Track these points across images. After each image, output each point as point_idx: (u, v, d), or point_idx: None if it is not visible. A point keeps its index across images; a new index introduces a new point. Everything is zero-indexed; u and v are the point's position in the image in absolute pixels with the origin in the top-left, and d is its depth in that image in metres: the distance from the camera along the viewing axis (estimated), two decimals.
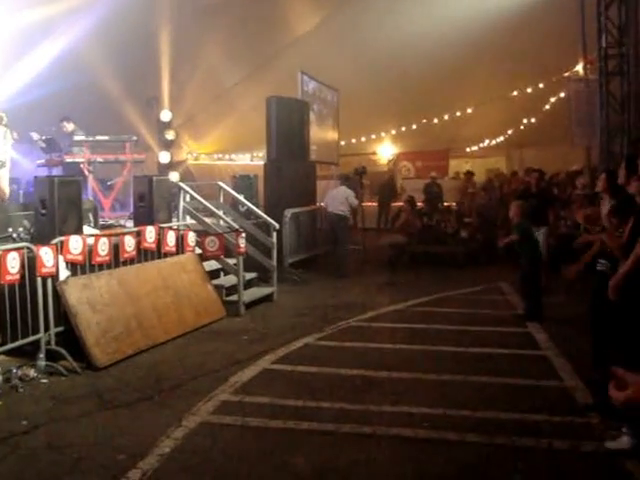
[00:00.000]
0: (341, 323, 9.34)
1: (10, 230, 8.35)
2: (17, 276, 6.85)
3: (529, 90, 23.09)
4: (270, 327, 9.22)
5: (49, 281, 7.17)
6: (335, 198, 14.07)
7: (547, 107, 23.69)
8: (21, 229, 8.38)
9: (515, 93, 23.29)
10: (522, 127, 25.43)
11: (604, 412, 5.34)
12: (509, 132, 26.25)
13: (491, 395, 6.28)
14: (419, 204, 17.60)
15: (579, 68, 18.60)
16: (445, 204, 19.57)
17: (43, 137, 12.38)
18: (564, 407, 5.88)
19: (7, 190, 10.97)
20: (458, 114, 24.84)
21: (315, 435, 5.41)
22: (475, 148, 28.06)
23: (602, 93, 13.81)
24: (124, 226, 10.54)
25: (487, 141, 27.51)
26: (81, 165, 12.52)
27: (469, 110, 24.55)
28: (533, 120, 24.75)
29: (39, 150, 12.96)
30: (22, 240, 7.89)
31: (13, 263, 6.77)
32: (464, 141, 27.39)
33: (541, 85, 22.78)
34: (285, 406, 6.05)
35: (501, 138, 26.94)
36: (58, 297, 7.26)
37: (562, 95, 21.11)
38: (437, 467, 4.81)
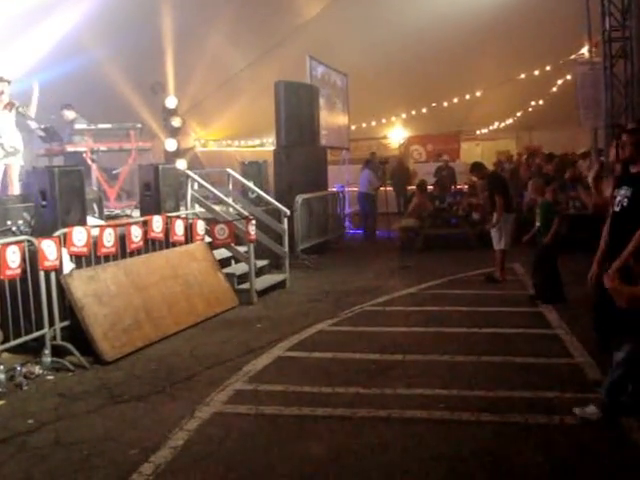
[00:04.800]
0: (355, 308, 9.28)
1: (9, 223, 8.17)
2: (18, 270, 6.71)
3: (536, 73, 22.98)
4: (283, 314, 9.14)
5: (52, 275, 7.02)
6: (367, 180, 16.93)
7: (554, 89, 23.71)
8: (21, 222, 8.19)
9: (523, 76, 23.18)
10: (530, 109, 25.58)
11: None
12: (518, 114, 26.32)
13: (504, 374, 6.31)
14: (430, 187, 17.46)
15: (585, 51, 18.49)
16: (458, 187, 19.49)
17: (42, 126, 12.16)
18: (575, 384, 5.92)
19: (16, 182, 10.74)
20: (467, 97, 24.74)
21: (331, 421, 5.35)
22: (485, 131, 28.08)
23: (606, 75, 14.01)
24: (130, 216, 10.38)
25: (497, 124, 27.53)
26: (84, 154, 12.29)
27: (478, 93, 24.49)
28: (541, 102, 24.75)
29: (38, 139, 12.78)
30: (22, 233, 7.70)
31: (13, 257, 6.62)
32: (474, 124, 27.47)
33: (548, 68, 22.70)
34: (300, 393, 5.98)
35: (510, 120, 27.00)
36: (62, 291, 7.11)
37: (569, 77, 21.09)
38: (452, 447, 4.79)
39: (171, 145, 17.46)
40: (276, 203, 11.74)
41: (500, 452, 4.70)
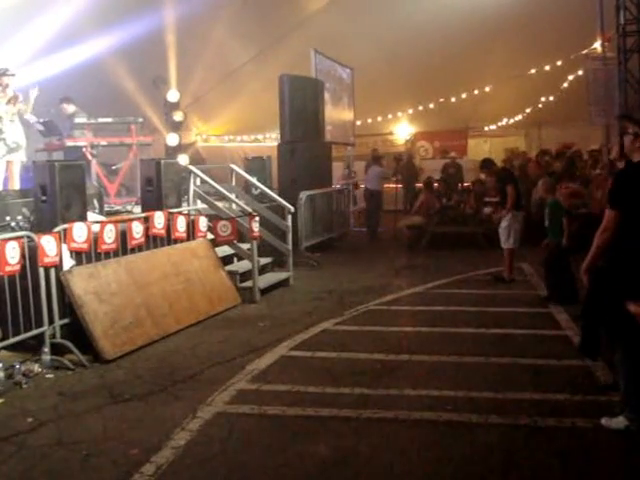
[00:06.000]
0: (360, 307, 9.18)
1: (8, 219, 8.10)
2: (17, 267, 6.61)
3: (547, 68, 22.77)
4: (287, 313, 9.05)
5: (52, 271, 6.93)
6: (377, 176, 16.89)
7: (565, 85, 23.46)
8: (20, 217, 8.13)
9: (533, 71, 22.97)
10: (540, 106, 25.32)
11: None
12: (527, 111, 26.07)
13: (513, 376, 6.25)
14: (435, 185, 17.35)
15: (597, 46, 18.29)
16: (465, 184, 19.33)
17: (41, 120, 12.08)
18: (586, 386, 5.86)
19: (17, 177, 10.69)
20: (476, 92, 24.56)
21: (336, 421, 5.28)
22: (493, 127, 27.80)
23: (620, 71, 14.02)
24: (131, 212, 10.33)
25: (505, 120, 27.27)
26: (83, 149, 12.23)
27: (487, 89, 24.30)
28: (551, 98, 24.53)
29: (37, 134, 12.67)
30: (21, 229, 7.65)
31: (13, 253, 6.53)
32: (482, 120, 27.19)
33: (559, 63, 22.47)
34: (304, 393, 5.91)
35: (519, 117, 26.74)
36: (62, 288, 7.02)
37: (580, 73, 20.87)
38: (460, 450, 4.72)
39: (173, 140, 17.35)
40: (280, 200, 11.61)
41: (509, 455, 4.64)
